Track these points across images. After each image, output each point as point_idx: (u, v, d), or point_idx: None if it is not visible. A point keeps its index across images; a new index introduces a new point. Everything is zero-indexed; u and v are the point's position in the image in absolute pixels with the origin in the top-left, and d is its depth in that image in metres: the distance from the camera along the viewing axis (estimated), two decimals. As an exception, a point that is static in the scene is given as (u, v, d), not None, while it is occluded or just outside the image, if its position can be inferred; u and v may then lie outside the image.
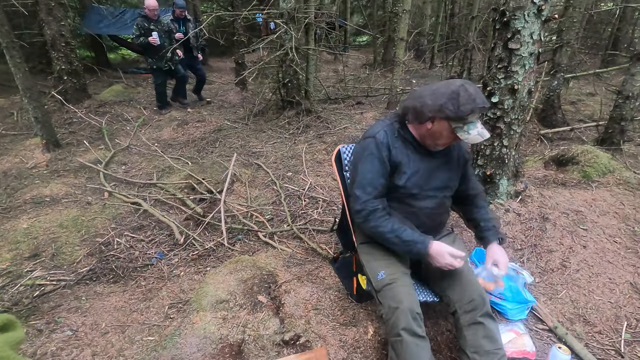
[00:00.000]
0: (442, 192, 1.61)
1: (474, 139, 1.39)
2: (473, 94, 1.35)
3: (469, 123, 1.38)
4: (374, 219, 1.51)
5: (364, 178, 1.53)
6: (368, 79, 7.91)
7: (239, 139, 4.70)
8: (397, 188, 1.54)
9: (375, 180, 1.51)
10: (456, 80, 1.43)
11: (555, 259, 2.24)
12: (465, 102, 1.34)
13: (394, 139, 1.53)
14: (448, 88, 1.39)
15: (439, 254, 1.45)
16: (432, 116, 1.41)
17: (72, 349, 1.77)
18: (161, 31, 5.20)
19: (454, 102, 1.35)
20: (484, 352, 1.37)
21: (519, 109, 2.38)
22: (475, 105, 1.35)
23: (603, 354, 1.71)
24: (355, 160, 1.60)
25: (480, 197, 1.74)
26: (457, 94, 1.35)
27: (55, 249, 2.54)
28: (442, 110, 1.37)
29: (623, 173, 3.12)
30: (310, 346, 1.73)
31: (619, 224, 2.52)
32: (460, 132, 1.39)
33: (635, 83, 3.62)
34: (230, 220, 2.91)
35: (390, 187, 1.55)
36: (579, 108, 5.93)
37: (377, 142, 1.51)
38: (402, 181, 1.52)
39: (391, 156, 1.51)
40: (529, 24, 2.20)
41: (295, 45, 4.49)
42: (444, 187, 1.60)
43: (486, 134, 1.40)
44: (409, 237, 1.48)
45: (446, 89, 1.39)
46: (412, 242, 1.47)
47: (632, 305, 1.95)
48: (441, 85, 1.43)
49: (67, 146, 4.41)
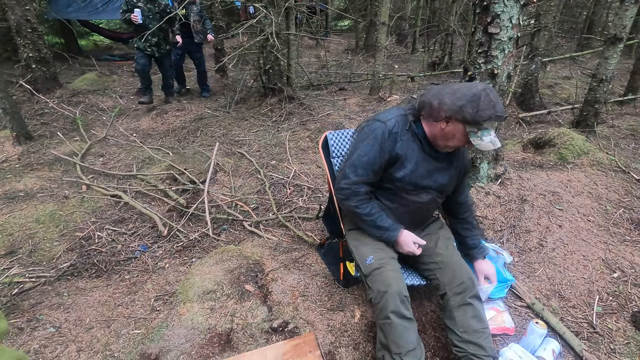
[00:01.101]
0: (438, 194, 1.62)
1: (486, 146, 1.36)
2: (494, 101, 1.32)
3: (483, 129, 1.36)
4: (355, 200, 1.55)
5: (359, 159, 1.51)
6: (350, 65, 7.86)
7: (221, 128, 4.62)
8: (394, 180, 1.54)
9: (369, 165, 1.51)
10: (479, 83, 1.40)
11: (532, 238, 2.33)
12: (485, 108, 1.32)
13: (404, 131, 1.50)
14: (470, 90, 1.35)
15: (405, 242, 1.56)
16: (448, 115, 1.37)
17: (56, 346, 1.74)
18: (150, 10, 4.65)
19: (473, 106, 1.32)
20: (472, 331, 1.43)
21: (498, 93, 2.41)
22: (495, 112, 1.32)
23: (577, 326, 1.81)
24: (358, 138, 1.57)
25: (471, 212, 1.78)
26: (479, 98, 1.32)
27: (33, 245, 2.47)
28: (460, 112, 1.34)
29: (596, 154, 3.24)
30: (299, 332, 1.75)
31: (593, 204, 2.63)
32: (474, 137, 1.37)
33: (608, 66, 3.72)
34: (215, 210, 2.88)
35: (387, 178, 1.56)
36: (556, 91, 6.07)
37: (385, 128, 1.48)
38: (400, 174, 1.52)
39: (395, 147, 1.49)
40: (508, 8, 2.21)
41: (275, 31, 4.39)
42: (439, 189, 1.61)
43: (498, 143, 1.38)
44: (383, 223, 1.55)
45: (468, 90, 1.36)
46: (384, 229, 1.56)
47: (604, 280, 2.05)
48: (463, 86, 1.40)
49: (39, 138, 4.22)
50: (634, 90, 5.10)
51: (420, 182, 1.55)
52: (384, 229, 1.55)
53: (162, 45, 4.91)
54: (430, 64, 7.71)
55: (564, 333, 1.73)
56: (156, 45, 4.84)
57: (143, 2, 4.62)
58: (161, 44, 4.87)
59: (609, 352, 1.67)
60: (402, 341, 1.35)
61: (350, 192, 1.54)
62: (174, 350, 1.66)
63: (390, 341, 1.37)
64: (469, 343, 1.42)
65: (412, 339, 1.37)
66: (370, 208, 1.54)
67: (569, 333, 1.73)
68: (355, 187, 1.53)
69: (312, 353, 1.62)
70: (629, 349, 1.68)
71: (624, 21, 3.53)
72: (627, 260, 2.14)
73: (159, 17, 4.61)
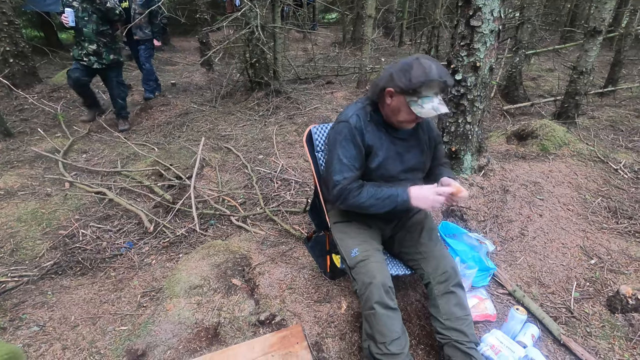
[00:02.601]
0: (415, 174, 1.63)
1: (427, 113, 1.37)
2: (426, 67, 1.35)
3: (423, 97, 1.37)
4: (351, 197, 1.51)
5: (340, 163, 1.52)
6: (337, 58, 7.83)
7: (207, 123, 4.57)
8: (371, 171, 1.56)
9: (352, 164, 1.52)
10: (416, 54, 1.45)
11: (514, 228, 2.39)
12: (417, 74, 1.34)
13: (367, 122, 1.53)
14: (404, 61, 1.41)
15: (422, 196, 1.45)
16: (383, 86, 1.43)
17: (41, 344, 1.72)
18: (86, 10, 3.68)
19: (406, 74, 1.36)
20: (455, 318, 1.46)
21: (481, 85, 2.45)
22: (427, 77, 1.34)
23: (555, 312, 1.87)
24: (330, 145, 1.58)
25: (445, 164, 1.79)
26: (411, 66, 1.37)
27: (15, 244, 2.42)
28: (392, 81, 1.40)
29: (577, 145, 3.32)
30: (286, 324, 1.77)
31: (572, 193, 2.71)
32: (414, 105, 1.38)
33: (588, 59, 3.80)
34: (202, 205, 2.87)
35: (365, 170, 1.57)
36: (539, 84, 6.18)
37: (350, 126, 1.51)
38: (375, 164, 1.54)
39: (365, 139, 1.52)
40: (490, 1, 2.24)
41: (261, 23, 4.35)
42: (416, 169, 1.62)
43: (442, 109, 1.37)
44: (386, 194, 1.48)
45: (402, 62, 1.41)
46: (392, 197, 1.48)
47: (581, 266, 2.12)
48: (401, 60, 1.45)
49: (19, 135, 4.12)
50: (613, 82, 5.23)
51: (397, 167, 1.57)
52: (393, 197, 1.47)
53: (104, 54, 3.88)
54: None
55: (543, 318, 1.79)
56: (95, 54, 3.83)
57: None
58: (102, 52, 3.84)
59: (586, 335, 1.74)
60: (386, 330, 1.38)
61: (344, 195, 1.51)
62: (161, 345, 1.66)
63: (375, 331, 1.39)
64: (451, 330, 1.45)
65: (396, 328, 1.39)
66: (366, 192, 1.50)
67: (548, 318, 1.79)
68: (348, 188, 1.51)
69: (299, 344, 1.64)
70: (604, 331, 1.75)
71: (603, 14, 3.60)
72: (603, 247, 2.22)
73: (98, 18, 3.74)
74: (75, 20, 3.68)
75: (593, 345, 1.69)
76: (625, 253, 2.16)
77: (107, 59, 3.93)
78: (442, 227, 2.26)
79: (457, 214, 2.50)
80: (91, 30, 3.72)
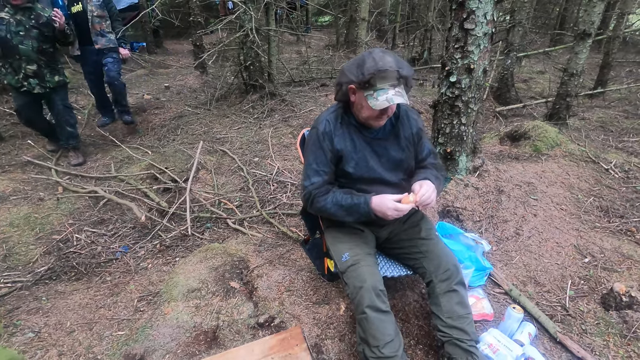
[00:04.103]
0: (397, 175, 1.60)
1: (381, 105, 1.35)
2: (377, 59, 1.36)
3: (378, 89, 1.36)
4: (316, 202, 1.53)
5: (309, 167, 1.56)
6: (331, 60, 7.85)
7: (202, 125, 4.55)
8: (348, 175, 1.56)
9: (321, 170, 1.54)
10: (370, 48, 1.47)
11: (509, 228, 2.42)
12: (369, 67, 1.36)
13: (337, 125, 1.54)
14: (358, 56, 1.43)
15: (381, 206, 1.43)
16: (342, 84, 1.46)
17: (36, 351, 1.70)
18: (21, 23, 2.99)
19: (359, 68, 1.38)
20: (457, 316, 1.46)
21: (475, 87, 2.48)
22: (377, 67, 1.33)
23: (551, 310, 1.90)
24: (304, 152, 1.63)
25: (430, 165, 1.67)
26: (363, 60, 1.39)
27: (7, 249, 2.38)
28: (346, 76, 1.42)
29: (569, 146, 3.37)
30: (285, 326, 1.77)
31: (565, 193, 2.75)
32: (370, 99, 1.38)
33: (578, 61, 3.87)
34: (198, 208, 2.85)
35: (342, 175, 1.58)
36: (531, 85, 6.27)
37: (318, 132, 1.54)
38: (350, 167, 1.54)
39: (334, 144, 1.53)
40: (483, 4, 2.27)
41: (255, 26, 4.35)
42: (397, 167, 1.60)
43: (396, 100, 1.33)
44: (350, 202, 1.48)
45: (357, 57, 1.44)
46: (355, 206, 1.48)
47: (576, 265, 2.15)
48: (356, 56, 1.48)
49: (10, 139, 4.06)
50: (603, 84, 5.33)
51: (375, 168, 1.55)
52: (355, 206, 1.48)
53: (47, 75, 3.21)
54: (409, 59, 7.81)
55: (539, 317, 1.82)
56: (35, 75, 3.14)
57: (9, 11, 2.99)
58: (44, 74, 3.18)
59: (581, 333, 1.76)
60: (379, 334, 1.37)
61: (310, 200, 1.55)
62: (159, 349, 1.64)
63: (368, 334, 1.39)
64: (453, 328, 1.46)
65: (389, 331, 1.39)
66: (331, 197, 1.51)
67: (544, 316, 1.81)
68: (314, 192, 1.54)
69: (298, 346, 1.64)
70: (599, 328, 1.78)
71: (592, 17, 3.68)
72: (597, 246, 2.25)
73: (37, 33, 3.07)
74: (5, 35, 2.97)
75: (588, 342, 1.71)
76: (618, 251, 2.19)
77: (52, 81, 3.26)
78: (438, 227, 2.28)
79: (453, 214, 2.52)
80: (30, 48, 3.05)
